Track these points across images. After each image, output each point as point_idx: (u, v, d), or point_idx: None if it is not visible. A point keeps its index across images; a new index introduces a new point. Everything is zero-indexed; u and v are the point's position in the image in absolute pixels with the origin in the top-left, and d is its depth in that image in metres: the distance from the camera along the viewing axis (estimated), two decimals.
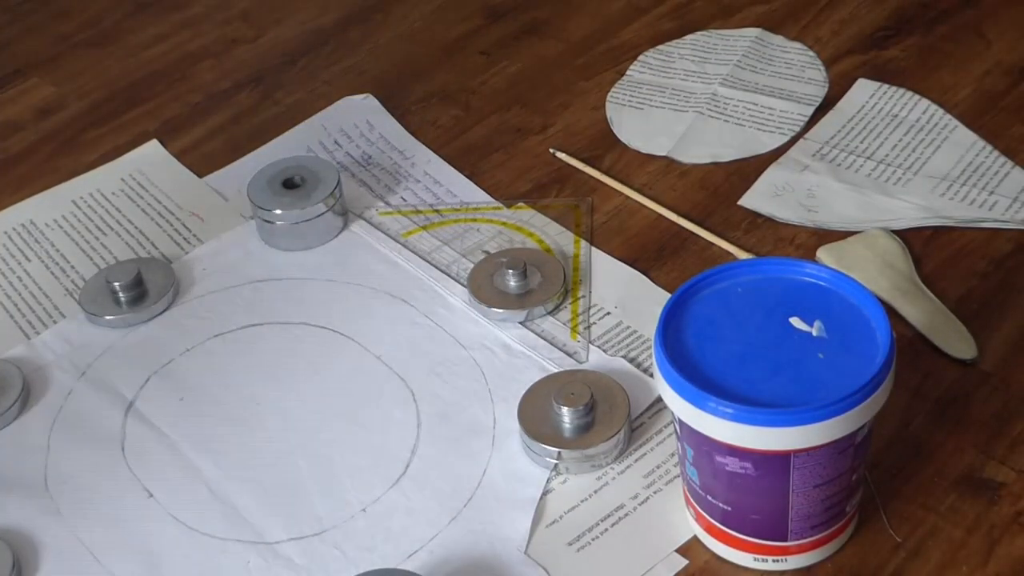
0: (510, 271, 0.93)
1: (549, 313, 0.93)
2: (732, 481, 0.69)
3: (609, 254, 0.98)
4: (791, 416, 0.64)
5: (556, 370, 0.88)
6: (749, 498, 0.70)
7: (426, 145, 1.12)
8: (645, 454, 0.82)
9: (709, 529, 0.74)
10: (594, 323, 0.92)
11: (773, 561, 0.73)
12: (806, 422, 0.64)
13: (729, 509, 0.71)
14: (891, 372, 0.68)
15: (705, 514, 0.74)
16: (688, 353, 0.69)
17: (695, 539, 0.77)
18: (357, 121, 1.15)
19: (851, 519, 0.74)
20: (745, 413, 0.65)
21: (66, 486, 0.85)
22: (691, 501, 0.75)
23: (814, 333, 0.69)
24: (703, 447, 0.69)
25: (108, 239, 1.05)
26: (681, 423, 0.69)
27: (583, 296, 0.94)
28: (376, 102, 1.16)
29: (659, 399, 0.83)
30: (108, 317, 0.96)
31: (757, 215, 1.00)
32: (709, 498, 0.72)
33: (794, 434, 0.65)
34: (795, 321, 0.70)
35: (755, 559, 0.73)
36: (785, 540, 0.72)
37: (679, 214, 1.01)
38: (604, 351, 0.89)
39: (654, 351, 0.69)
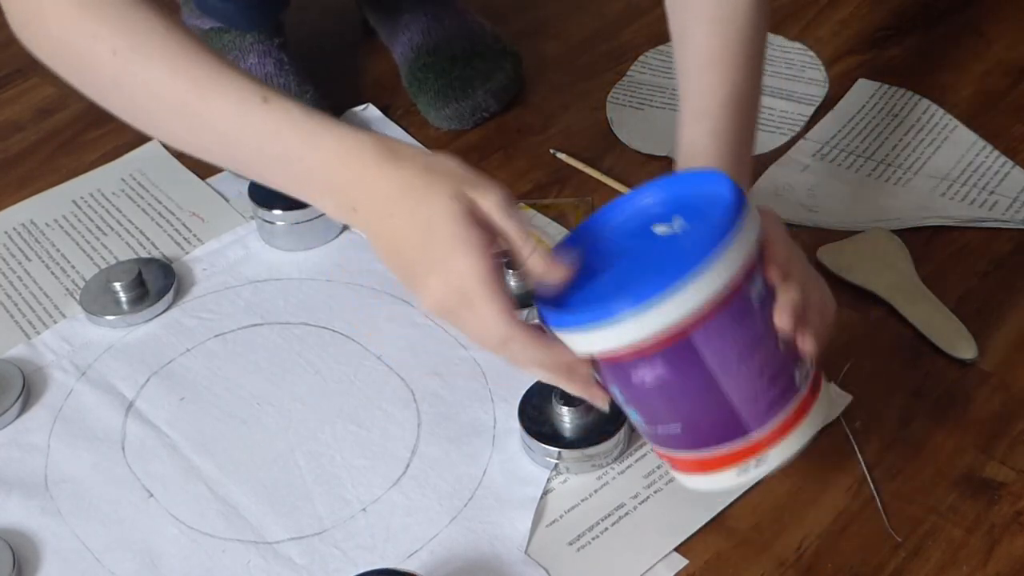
0: (510, 271, 0.93)
1: None
2: (661, 393, 0.67)
3: None
4: (652, 287, 0.63)
5: None
6: (687, 403, 0.68)
7: (426, 146, 1.12)
8: (645, 454, 0.82)
9: (684, 466, 0.71)
10: None
11: (755, 465, 0.70)
12: (670, 290, 0.63)
13: (679, 427, 0.69)
14: (744, 220, 0.65)
15: (671, 451, 0.71)
16: (564, 302, 0.68)
17: (695, 539, 0.77)
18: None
19: (811, 395, 0.70)
20: (614, 305, 0.64)
21: (66, 486, 0.85)
22: (658, 451, 0.72)
23: (675, 228, 0.68)
24: (617, 375, 0.67)
25: (108, 239, 1.05)
26: (595, 364, 0.68)
27: None
28: (377, 112, 1.16)
29: None
30: (108, 317, 0.96)
31: None
32: (659, 429, 0.70)
33: (669, 308, 0.63)
34: (658, 228, 0.69)
35: (737, 472, 0.70)
36: (748, 432, 0.68)
37: None
38: None
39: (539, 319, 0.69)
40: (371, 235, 0.70)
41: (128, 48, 0.73)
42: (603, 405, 0.70)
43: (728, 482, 0.71)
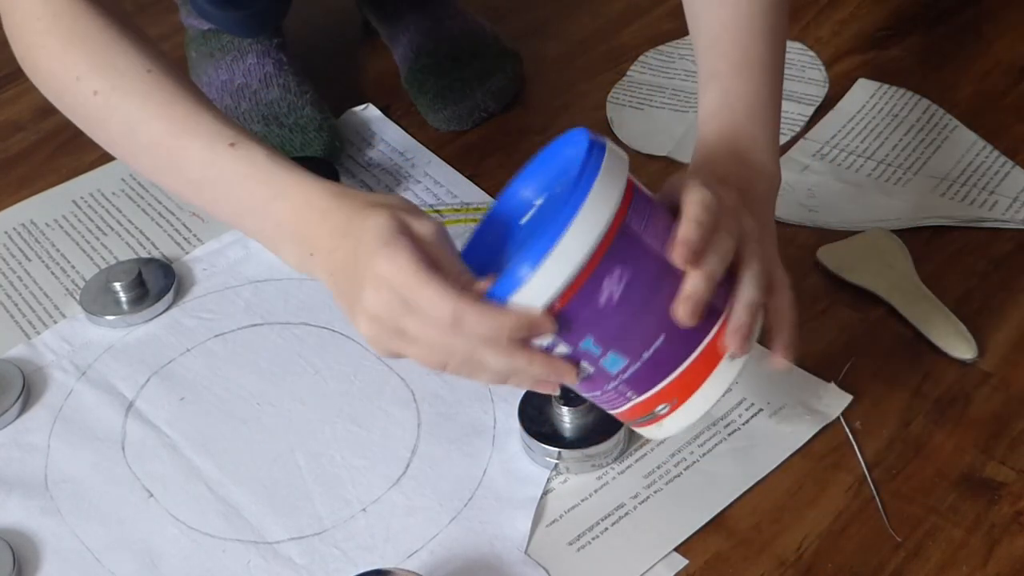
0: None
1: None
2: (632, 300, 0.64)
3: None
4: (571, 204, 0.62)
5: None
6: (659, 300, 0.65)
7: (426, 146, 1.12)
8: (645, 454, 0.83)
9: (681, 388, 0.68)
10: None
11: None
12: (590, 195, 0.62)
13: (663, 337, 0.66)
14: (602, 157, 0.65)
15: (665, 380, 0.67)
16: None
17: (695, 539, 0.77)
18: (359, 128, 1.15)
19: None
20: (555, 229, 0.62)
21: (66, 486, 0.85)
22: (652, 396, 0.68)
23: (542, 200, 0.69)
24: (587, 313, 0.64)
25: (108, 239, 1.05)
26: (559, 321, 0.64)
27: None
28: (377, 111, 1.16)
29: None
30: (108, 317, 0.96)
31: None
32: (646, 355, 0.66)
33: (597, 204, 0.62)
34: (537, 201, 0.70)
35: (729, 355, 0.67)
36: (719, 311, 0.67)
37: None
38: None
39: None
40: (325, 277, 0.70)
41: (108, 88, 0.76)
42: (572, 379, 0.67)
43: (726, 372, 0.68)
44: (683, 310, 0.64)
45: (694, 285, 0.65)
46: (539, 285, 0.63)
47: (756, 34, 0.79)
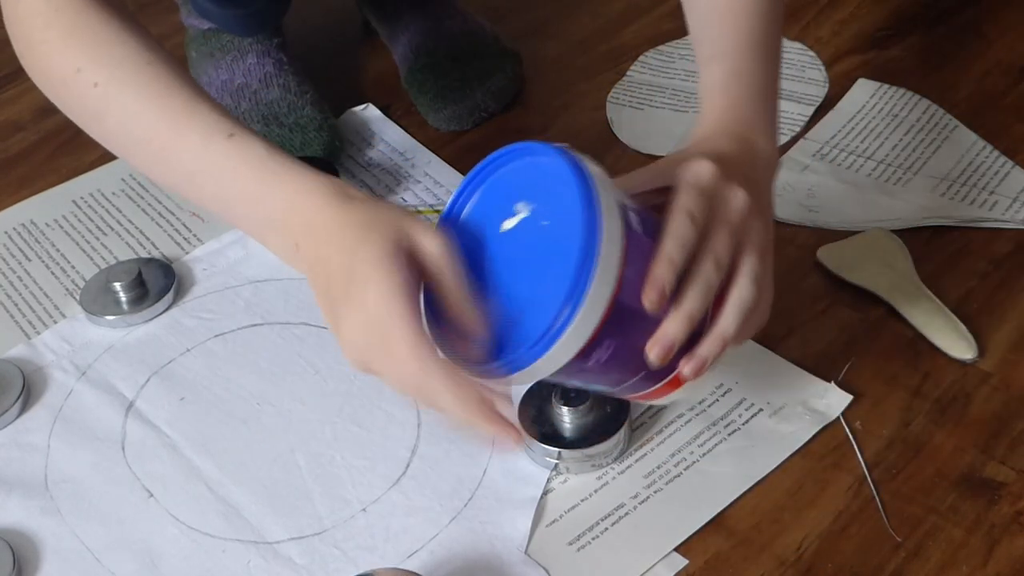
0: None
1: None
2: (620, 352, 0.66)
3: None
4: (575, 290, 0.62)
5: None
6: (644, 338, 0.65)
7: (426, 146, 1.12)
8: (645, 454, 0.83)
9: (665, 390, 0.70)
10: None
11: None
12: (580, 280, 0.61)
13: (644, 373, 0.68)
14: (598, 181, 0.65)
15: (660, 382, 0.70)
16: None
17: (695, 539, 0.77)
18: (359, 128, 1.15)
19: None
20: (551, 333, 0.62)
21: (66, 486, 0.85)
22: (646, 394, 0.71)
23: (523, 215, 0.66)
24: (576, 373, 0.66)
25: (108, 239, 1.05)
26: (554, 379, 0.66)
27: None
28: (377, 111, 1.16)
29: None
30: (108, 317, 0.96)
31: None
32: (627, 383, 0.68)
33: (590, 307, 0.62)
34: (518, 209, 0.67)
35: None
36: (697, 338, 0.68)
37: None
38: None
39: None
40: (308, 274, 0.69)
41: (107, 79, 0.75)
42: (518, 441, 0.68)
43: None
44: (654, 353, 0.65)
45: (665, 331, 0.65)
46: (533, 373, 0.64)
47: (757, 16, 0.78)
